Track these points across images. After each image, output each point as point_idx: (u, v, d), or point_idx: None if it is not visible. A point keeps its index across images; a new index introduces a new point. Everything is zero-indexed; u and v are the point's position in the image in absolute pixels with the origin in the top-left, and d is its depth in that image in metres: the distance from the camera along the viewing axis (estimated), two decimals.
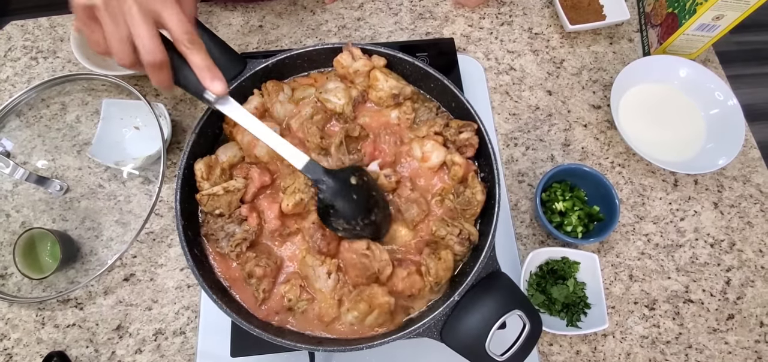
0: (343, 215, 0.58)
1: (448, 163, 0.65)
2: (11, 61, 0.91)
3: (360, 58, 0.69)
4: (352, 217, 0.58)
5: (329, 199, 0.57)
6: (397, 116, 0.68)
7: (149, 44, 0.48)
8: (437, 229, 0.62)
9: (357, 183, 0.58)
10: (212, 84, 0.52)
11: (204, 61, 0.51)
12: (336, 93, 0.67)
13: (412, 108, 0.68)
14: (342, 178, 0.58)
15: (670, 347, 0.73)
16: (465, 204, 0.63)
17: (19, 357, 0.71)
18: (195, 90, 0.54)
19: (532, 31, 0.96)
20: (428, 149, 0.65)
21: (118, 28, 0.48)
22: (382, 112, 0.69)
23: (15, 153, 0.82)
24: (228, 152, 0.66)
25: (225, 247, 0.62)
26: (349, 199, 0.58)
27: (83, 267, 0.75)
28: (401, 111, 0.68)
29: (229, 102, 0.55)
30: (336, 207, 0.58)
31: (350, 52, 0.69)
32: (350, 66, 0.69)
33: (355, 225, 0.58)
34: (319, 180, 0.57)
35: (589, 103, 0.90)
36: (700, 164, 0.81)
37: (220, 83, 0.52)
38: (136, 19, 0.47)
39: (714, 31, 0.84)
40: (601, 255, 0.78)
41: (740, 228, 0.81)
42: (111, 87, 0.85)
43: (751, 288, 0.77)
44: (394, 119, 0.68)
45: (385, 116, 0.69)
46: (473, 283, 0.57)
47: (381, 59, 0.69)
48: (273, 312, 0.61)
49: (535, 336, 0.55)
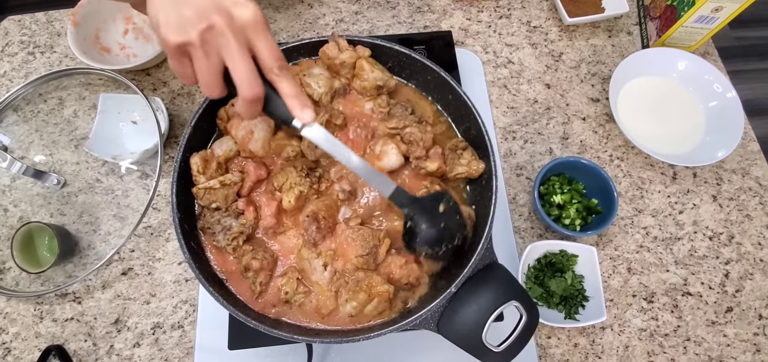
0: (427, 242, 0.58)
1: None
2: (8, 56, 0.91)
3: (346, 49, 0.68)
4: (437, 244, 0.58)
5: (417, 226, 0.57)
6: (371, 108, 0.68)
7: (249, 79, 0.46)
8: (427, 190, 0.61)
9: (445, 210, 0.58)
10: (302, 113, 0.50)
11: (293, 88, 0.50)
12: (318, 79, 0.66)
13: (387, 102, 0.67)
14: (430, 206, 0.58)
15: (669, 340, 0.73)
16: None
17: (18, 351, 0.71)
18: (283, 117, 0.52)
19: (531, 24, 0.96)
20: (387, 149, 0.64)
21: (211, 63, 0.46)
22: (357, 102, 0.68)
23: (12, 147, 0.82)
24: (223, 146, 0.65)
25: (221, 241, 0.62)
26: (436, 227, 0.58)
27: (81, 262, 0.75)
28: (376, 103, 0.67)
29: (315, 128, 0.53)
30: (422, 234, 0.57)
31: (337, 43, 0.68)
32: (336, 57, 0.68)
33: (438, 250, 0.58)
34: (407, 207, 0.57)
35: (587, 96, 0.90)
36: (699, 157, 0.80)
37: (309, 111, 0.51)
38: (234, 54, 0.45)
39: (713, 23, 0.83)
40: (599, 248, 0.78)
41: (739, 221, 0.81)
42: (108, 81, 0.85)
43: (750, 280, 0.77)
44: (368, 110, 0.68)
45: (359, 106, 0.68)
46: (470, 275, 0.57)
47: (365, 49, 0.69)
48: (270, 305, 0.61)
49: (532, 327, 0.54)
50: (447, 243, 0.58)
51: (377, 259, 0.60)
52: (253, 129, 0.64)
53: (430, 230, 0.57)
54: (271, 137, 0.66)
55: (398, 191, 0.57)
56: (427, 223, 0.57)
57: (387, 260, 0.61)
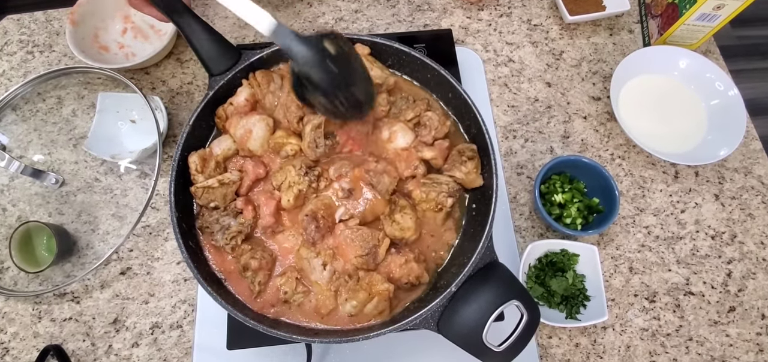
0: (320, 88, 0.51)
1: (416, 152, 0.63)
2: (7, 55, 0.91)
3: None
4: (331, 91, 0.51)
5: (304, 71, 0.50)
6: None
7: None
8: (427, 193, 0.61)
9: (335, 53, 0.51)
10: None
11: None
12: None
13: (387, 100, 0.67)
14: (316, 45, 0.51)
15: (671, 339, 0.73)
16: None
17: (16, 351, 0.71)
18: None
19: (531, 22, 0.95)
20: (396, 129, 0.64)
21: None
22: None
23: (11, 147, 0.82)
24: (222, 145, 0.65)
25: (220, 240, 0.61)
26: (327, 70, 0.50)
27: (79, 261, 0.75)
28: (376, 102, 0.67)
29: None
30: (312, 80, 0.50)
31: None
32: None
33: (334, 100, 0.52)
34: (290, 48, 0.50)
35: (588, 95, 0.89)
36: (701, 155, 0.80)
37: None
38: None
39: (715, 21, 0.83)
40: (600, 247, 0.78)
41: (741, 220, 0.80)
42: (107, 80, 0.85)
43: (753, 280, 0.76)
44: None
45: None
46: (470, 274, 0.56)
47: (365, 48, 0.68)
48: (269, 305, 0.61)
49: (532, 327, 0.54)
50: (343, 91, 0.51)
51: (377, 259, 0.60)
52: (252, 128, 0.64)
53: (320, 75, 0.50)
54: (270, 136, 0.65)
55: (280, 28, 0.50)
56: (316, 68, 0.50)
57: (387, 259, 0.60)
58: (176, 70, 0.90)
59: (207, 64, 0.66)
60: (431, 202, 0.61)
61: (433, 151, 0.63)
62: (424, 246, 0.64)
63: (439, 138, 0.65)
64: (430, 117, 0.64)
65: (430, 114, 0.64)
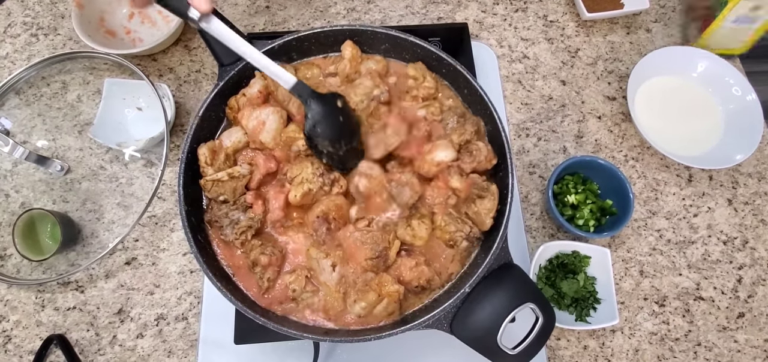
0: (328, 136, 0.60)
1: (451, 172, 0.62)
2: (11, 38, 0.89)
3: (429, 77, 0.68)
4: (337, 139, 0.60)
5: (317, 120, 0.60)
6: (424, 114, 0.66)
7: None
8: (446, 224, 0.60)
9: (343, 107, 0.62)
10: (197, 1, 0.50)
11: None
12: (359, 88, 0.66)
13: (440, 109, 0.66)
14: (329, 101, 0.61)
15: (679, 344, 0.72)
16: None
17: (18, 340, 0.70)
18: (176, 7, 0.51)
19: (547, 18, 0.93)
20: (439, 142, 0.62)
21: None
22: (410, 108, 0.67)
23: (14, 132, 0.80)
24: (232, 137, 0.64)
25: (229, 235, 0.60)
26: (336, 121, 0.60)
27: (84, 250, 0.74)
28: (429, 111, 0.66)
29: (213, 21, 0.53)
30: (322, 129, 0.60)
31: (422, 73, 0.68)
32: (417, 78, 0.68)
33: (338, 148, 0.60)
34: (308, 101, 0.59)
35: (603, 94, 0.88)
36: (716, 159, 0.79)
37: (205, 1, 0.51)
38: None
39: (756, 23, 0.80)
40: (611, 249, 0.77)
41: (754, 226, 0.79)
42: (113, 66, 0.83)
43: (763, 286, 0.76)
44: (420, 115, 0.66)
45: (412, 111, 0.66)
46: (484, 275, 0.55)
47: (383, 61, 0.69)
48: (277, 302, 0.60)
49: (548, 330, 0.53)
50: (346, 141, 0.61)
51: (387, 262, 0.59)
52: (266, 119, 0.63)
53: (329, 125, 0.60)
54: (283, 129, 0.64)
55: (299, 84, 0.59)
56: (326, 119, 0.60)
57: (397, 262, 0.59)
58: (184, 57, 0.88)
59: (217, 54, 0.65)
60: (446, 234, 0.60)
61: (462, 183, 0.61)
62: (431, 254, 0.62)
63: (479, 171, 0.63)
64: (479, 147, 0.62)
65: (480, 145, 0.63)
